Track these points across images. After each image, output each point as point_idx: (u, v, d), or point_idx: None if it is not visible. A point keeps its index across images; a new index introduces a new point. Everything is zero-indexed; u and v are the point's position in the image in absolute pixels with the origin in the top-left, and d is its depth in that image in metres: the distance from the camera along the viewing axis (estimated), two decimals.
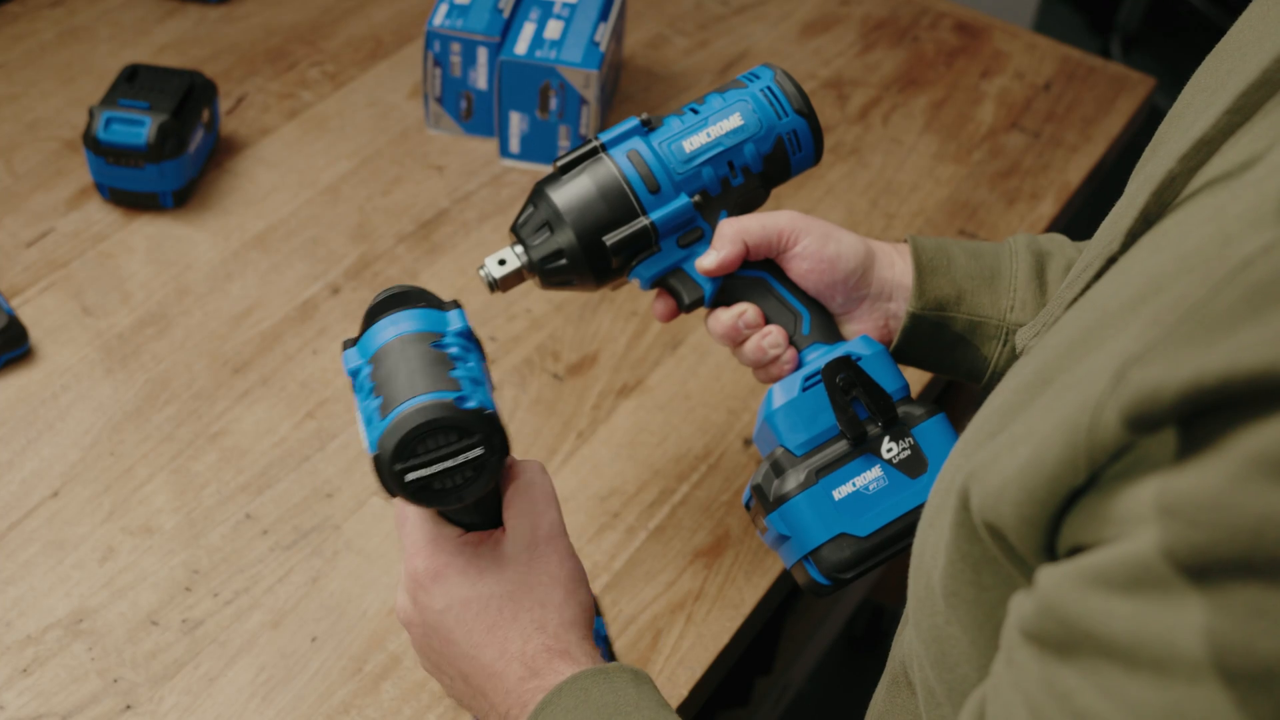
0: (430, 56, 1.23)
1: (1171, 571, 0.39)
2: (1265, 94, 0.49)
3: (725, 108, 0.82)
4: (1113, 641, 0.41)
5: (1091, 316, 0.50)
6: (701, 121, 0.82)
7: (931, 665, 0.59)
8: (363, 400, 0.66)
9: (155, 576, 0.91)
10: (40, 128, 1.23)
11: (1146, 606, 0.40)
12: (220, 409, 1.02)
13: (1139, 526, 0.41)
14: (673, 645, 0.91)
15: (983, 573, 0.52)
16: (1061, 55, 1.45)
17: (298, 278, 1.13)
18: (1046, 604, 0.44)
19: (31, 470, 0.97)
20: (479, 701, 0.69)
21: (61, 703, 0.84)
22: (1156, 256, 0.48)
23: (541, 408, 1.05)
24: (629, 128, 0.81)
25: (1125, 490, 0.42)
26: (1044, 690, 0.44)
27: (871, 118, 1.35)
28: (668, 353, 1.10)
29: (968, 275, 0.82)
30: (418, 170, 1.24)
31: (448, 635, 0.69)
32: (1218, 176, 0.49)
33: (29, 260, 1.12)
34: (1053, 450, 0.44)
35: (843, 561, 0.77)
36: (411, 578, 0.70)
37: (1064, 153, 1.32)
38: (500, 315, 1.11)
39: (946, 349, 0.82)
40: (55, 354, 1.05)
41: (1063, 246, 0.84)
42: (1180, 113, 0.64)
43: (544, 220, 0.81)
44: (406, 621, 0.72)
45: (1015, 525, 0.47)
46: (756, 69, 0.85)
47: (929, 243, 0.83)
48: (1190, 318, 0.41)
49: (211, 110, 1.19)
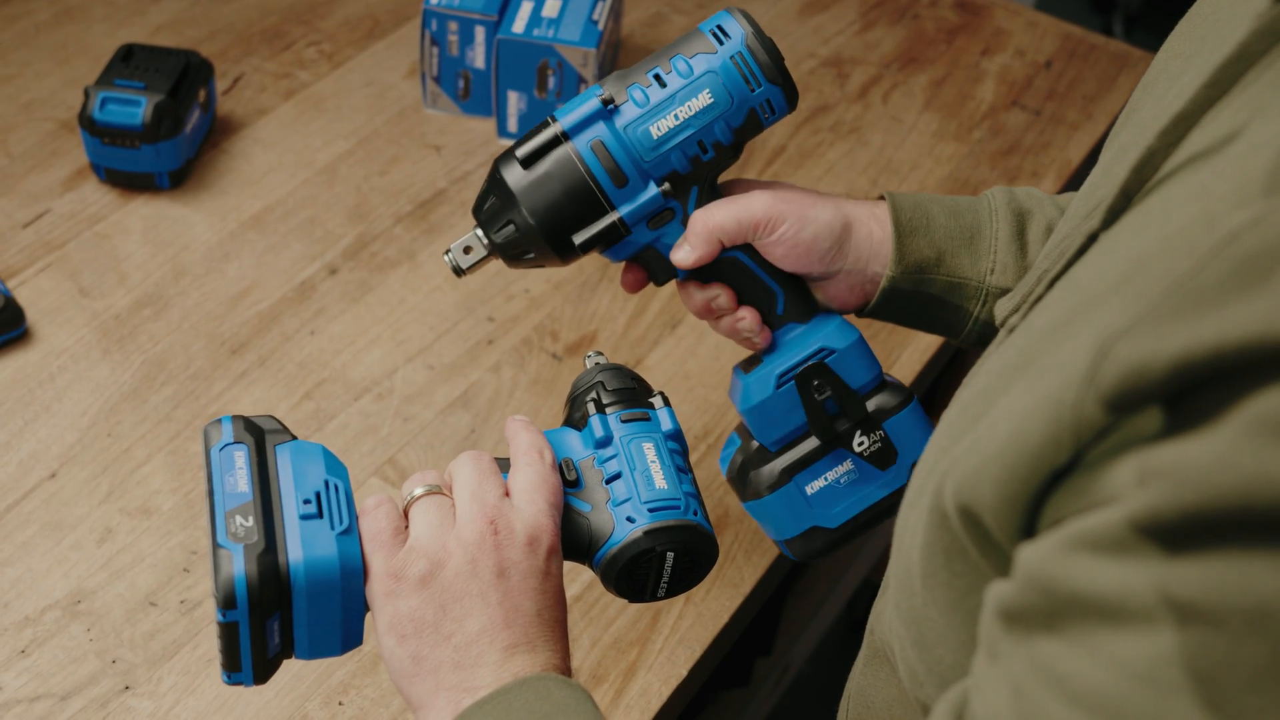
0: (427, 35, 1.22)
1: (1159, 532, 0.39)
2: (1242, 67, 0.48)
3: (693, 82, 0.74)
4: (1099, 601, 0.41)
5: (1076, 298, 0.50)
6: (668, 100, 0.74)
7: (912, 645, 0.59)
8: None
9: (153, 557, 0.91)
10: (35, 108, 1.23)
11: (1133, 566, 0.40)
12: (218, 390, 1.02)
13: (1125, 493, 0.40)
14: (672, 624, 0.91)
15: (953, 560, 0.52)
16: (1063, 33, 1.44)
17: (295, 258, 1.12)
18: (1029, 576, 0.44)
19: (29, 451, 0.96)
20: (438, 663, 0.64)
21: (60, 683, 0.84)
22: (1140, 237, 0.48)
23: (540, 387, 1.04)
24: (591, 110, 0.74)
25: (1113, 465, 0.41)
26: (1026, 668, 0.44)
27: (871, 96, 1.34)
28: (667, 332, 1.09)
29: (947, 235, 0.81)
30: (415, 150, 1.23)
31: (506, 586, 0.64)
32: (1198, 153, 0.48)
33: (25, 241, 1.11)
34: (1036, 428, 0.44)
35: (814, 551, 0.80)
36: (530, 529, 0.65)
37: (1065, 130, 1.32)
38: (499, 295, 1.11)
39: (925, 309, 0.81)
40: (52, 335, 1.04)
41: (1042, 204, 0.83)
42: (1154, 79, 0.64)
43: (507, 216, 0.75)
44: (465, 541, 0.64)
45: (994, 505, 0.46)
46: (721, 19, 0.75)
47: (907, 201, 0.81)
48: (1176, 291, 0.40)
49: (208, 90, 1.19)
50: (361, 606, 0.65)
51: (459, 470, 0.67)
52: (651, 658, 0.89)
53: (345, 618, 0.64)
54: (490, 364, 1.06)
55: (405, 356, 1.06)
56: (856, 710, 0.74)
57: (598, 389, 0.74)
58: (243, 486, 0.63)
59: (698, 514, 0.71)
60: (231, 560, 0.60)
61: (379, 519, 0.65)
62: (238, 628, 0.61)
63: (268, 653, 0.63)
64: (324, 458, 0.67)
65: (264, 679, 0.64)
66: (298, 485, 0.64)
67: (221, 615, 0.61)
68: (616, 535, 0.69)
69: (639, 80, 0.75)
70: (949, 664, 0.55)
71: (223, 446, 0.65)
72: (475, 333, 1.08)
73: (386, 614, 0.63)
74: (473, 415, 1.02)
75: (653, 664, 0.89)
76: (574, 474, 0.71)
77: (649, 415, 0.74)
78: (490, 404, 1.03)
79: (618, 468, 0.71)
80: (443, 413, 1.02)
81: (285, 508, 0.63)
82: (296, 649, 0.64)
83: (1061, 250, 0.57)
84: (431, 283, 1.11)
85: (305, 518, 0.63)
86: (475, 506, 0.65)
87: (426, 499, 0.66)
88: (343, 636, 0.65)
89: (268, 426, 0.67)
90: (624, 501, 0.70)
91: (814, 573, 1.47)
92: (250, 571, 0.60)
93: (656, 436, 0.73)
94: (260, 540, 0.61)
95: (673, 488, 0.70)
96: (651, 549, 0.68)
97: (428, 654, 0.62)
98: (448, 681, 0.62)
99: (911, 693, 0.62)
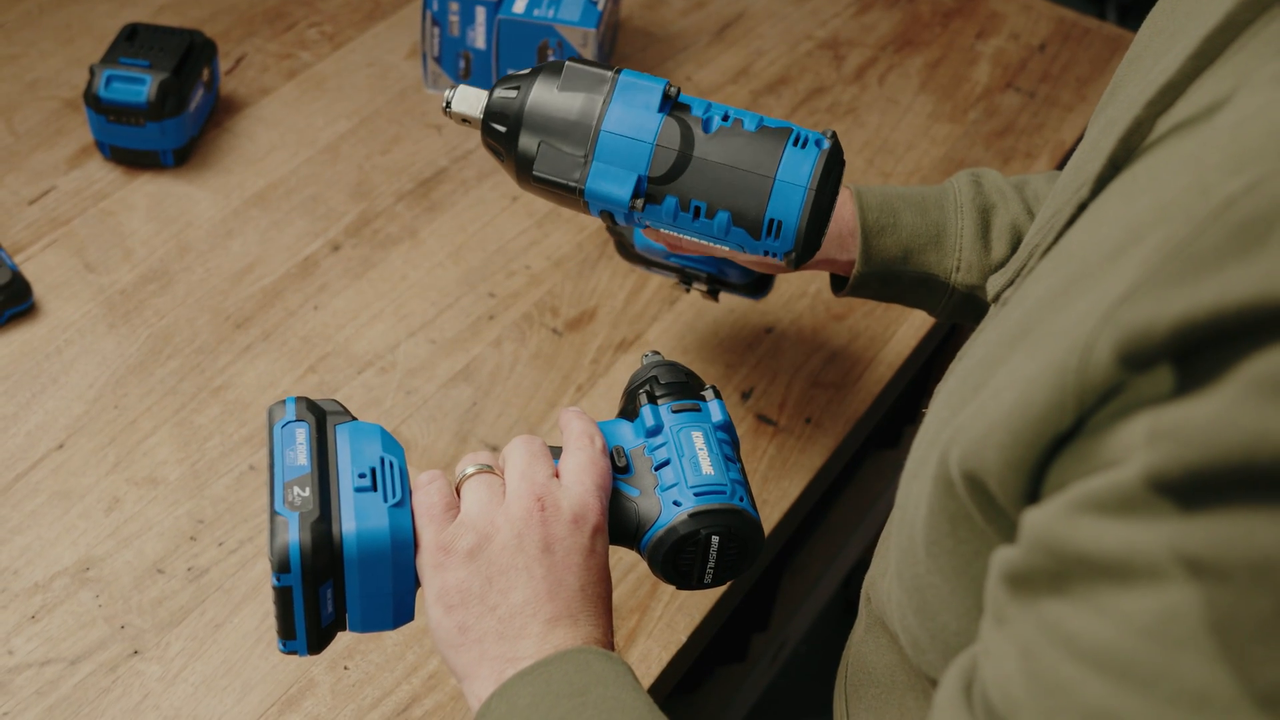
0: (428, 16, 1.23)
1: (1164, 490, 0.40)
2: (1229, 36, 0.49)
3: (719, 240, 0.78)
4: (1105, 560, 0.42)
5: (1071, 267, 0.50)
6: (704, 230, 0.78)
7: (914, 614, 0.60)
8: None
9: (160, 526, 0.92)
10: (40, 87, 1.24)
11: (1138, 525, 0.40)
12: (223, 363, 1.03)
13: (1131, 454, 0.41)
14: (672, 592, 0.92)
15: (958, 526, 0.53)
16: (1057, 16, 1.45)
17: (298, 234, 1.14)
18: (1035, 538, 0.45)
19: (36, 423, 0.98)
20: (487, 629, 0.65)
21: (70, 648, 0.85)
22: (1131, 205, 0.48)
23: (541, 362, 1.06)
24: (654, 95, 0.77)
25: (1116, 429, 0.42)
26: (1034, 630, 0.44)
27: (868, 78, 1.36)
28: (666, 308, 1.11)
29: (914, 234, 0.83)
30: (416, 129, 1.25)
31: (551, 561, 0.65)
32: (1185, 120, 0.49)
33: (31, 218, 1.12)
34: (1040, 393, 0.45)
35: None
36: (576, 508, 0.67)
37: (1059, 112, 1.33)
38: (500, 271, 1.12)
39: (898, 293, 0.86)
40: (58, 309, 1.05)
41: (1006, 197, 0.86)
42: (1138, 55, 0.65)
43: (514, 123, 0.78)
44: (513, 517, 0.66)
45: (999, 471, 0.47)
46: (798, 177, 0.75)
47: (874, 199, 0.84)
48: (1176, 257, 0.41)
49: (211, 69, 1.20)
50: (412, 580, 0.67)
51: (511, 452, 0.69)
52: (651, 625, 0.90)
53: (396, 589, 0.66)
54: (491, 339, 1.07)
55: (408, 331, 1.07)
56: (855, 677, 0.75)
57: (651, 382, 0.76)
58: (302, 460, 0.66)
59: (744, 500, 0.72)
60: (287, 527, 0.63)
61: (431, 494, 0.67)
62: (291, 593, 0.63)
63: (321, 621, 0.65)
64: (381, 437, 0.69)
65: (318, 649, 0.66)
66: (354, 461, 0.67)
67: (276, 580, 0.63)
68: (663, 519, 0.70)
69: (720, 113, 0.77)
70: (953, 630, 0.56)
71: (285, 424, 0.68)
72: (476, 308, 1.09)
73: (435, 585, 0.65)
74: (474, 389, 1.03)
75: (652, 630, 0.90)
76: (624, 461, 0.73)
77: (699, 407, 0.75)
78: (491, 378, 1.04)
79: (666, 455, 0.72)
80: (444, 386, 1.03)
81: (341, 481, 0.66)
82: (350, 621, 0.66)
83: (1052, 224, 0.58)
84: (433, 259, 1.12)
85: (360, 490, 0.66)
86: (524, 485, 0.67)
87: (478, 477, 0.68)
88: (394, 609, 0.67)
89: (329, 408, 0.70)
90: (671, 486, 0.71)
91: (810, 549, 1.49)
92: (304, 539, 0.63)
93: (706, 427, 0.74)
94: (316, 509, 0.64)
95: (719, 474, 0.72)
96: (696, 532, 0.70)
97: (473, 624, 0.64)
98: (492, 652, 0.64)
99: (914, 660, 0.63)
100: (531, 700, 0.61)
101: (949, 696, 0.49)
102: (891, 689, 0.70)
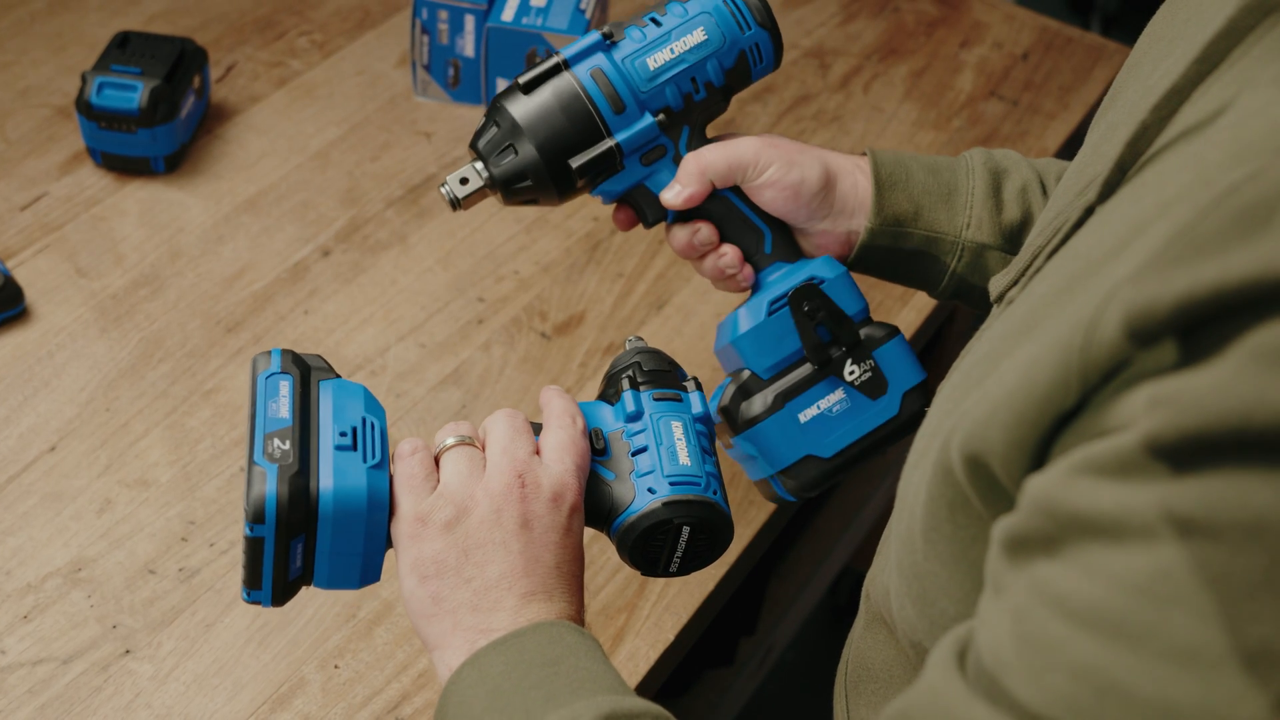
0: (418, 24, 1.24)
1: (1159, 454, 0.41)
2: (1231, 42, 0.50)
3: (687, 21, 0.80)
4: (1098, 520, 0.42)
5: (1076, 265, 0.52)
6: (664, 36, 0.80)
7: (913, 602, 0.60)
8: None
9: (152, 527, 0.93)
10: (32, 95, 1.25)
11: (1132, 486, 0.42)
12: (213, 367, 1.04)
13: (1133, 422, 0.42)
14: (659, 592, 0.93)
15: (957, 512, 0.54)
16: (1040, 26, 1.47)
17: (288, 240, 1.15)
18: (1033, 500, 0.46)
19: (28, 425, 0.98)
20: (462, 601, 0.66)
21: (62, 647, 0.86)
22: (1137, 206, 0.50)
23: (529, 365, 1.07)
24: (591, 42, 0.80)
25: (1120, 400, 0.43)
26: (1026, 591, 0.45)
27: (853, 86, 1.37)
28: (653, 312, 1.12)
29: (925, 191, 0.84)
30: (406, 137, 1.26)
31: (528, 537, 0.66)
32: (1191, 126, 0.50)
33: (23, 223, 1.13)
34: (1044, 371, 0.46)
35: (808, 482, 0.82)
36: (556, 486, 0.67)
37: (1042, 120, 1.35)
38: (489, 276, 1.13)
39: (903, 262, 0.85)
40: (50, 314, 1.06)
41: (1018, 164, 0.86)
42: (1137, 62, 0.66)
43: (507, 140, 0.79)
44: (492, 491, 0.66)
45: (1003, 450, 0.48)
46: None
47: (888, 157, 0.85)
48: (1179, 240, 0.42)
49: (202, 77, 1.21)
50: (383, 543, 0.67)
51: (493, 426, 0.70)
52: (639, 624, 0.91)
53: (366, 550, 0.66)
54: (480, 343, 1.08)
55: (397, 335, 1.08)
56: (855, 673, 0.76)
57: (634, 368, 0.77)
58: (284, 413, 0.66)
59: (717, 494, 0.73)
60: (265, 478, 0.63)
61: (412, 464, 0.68)
62: (263, 544, 0.63)
63: (288, 574, 0.65)
64: (364, 397, 0.69)
65: (281, 601, 0.66)
66: (336, 418, 0.67)
67: (249, 530, 0.63)
68: (636, 504, 0.71)
69: (636, 23, 0.81)
70: (951, 615, 0.57)
71: (269, 375, 0.68)
72: (465, 312, 1.10)
73: (410, 555, 0.66)
74: (464, 392, 1.04)
75: (640, 629, 0.91)
76: (602, 443, 0.73)
77: (681, 397, 0.76)
78: (480, 381, 1.05)
79: (645, 441, 0.73)
80: (434, 389, 1.04)
81: (322, 437, 0.66)
82: (316, 577, 0.67)
83: (1056, 226, 0.59)
84: (423, 264, 1.13)
85: (340, 448, 0.66)
86: (505, 460, 0.67)
87: (459, 449, 0.69)
88: (361, 569, 0.67)
89: (314, 363, 0.70)
90: (647, 473, 0.72)
91: (797, 554, 1.50)
92: (281, 491, 0.63)
93: (685, 417, 0.75)
94: (295, 463, 0.64)
95: (696, 465, 0.72)
96: (669, 520, 0.70)
97: (447, 595, 0.65)
98: (465, 623, 0.64)
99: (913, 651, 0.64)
100: (504, 669, 0.62)
101: (940, 659, 0.49)
102: (890, 684, 0.71)
